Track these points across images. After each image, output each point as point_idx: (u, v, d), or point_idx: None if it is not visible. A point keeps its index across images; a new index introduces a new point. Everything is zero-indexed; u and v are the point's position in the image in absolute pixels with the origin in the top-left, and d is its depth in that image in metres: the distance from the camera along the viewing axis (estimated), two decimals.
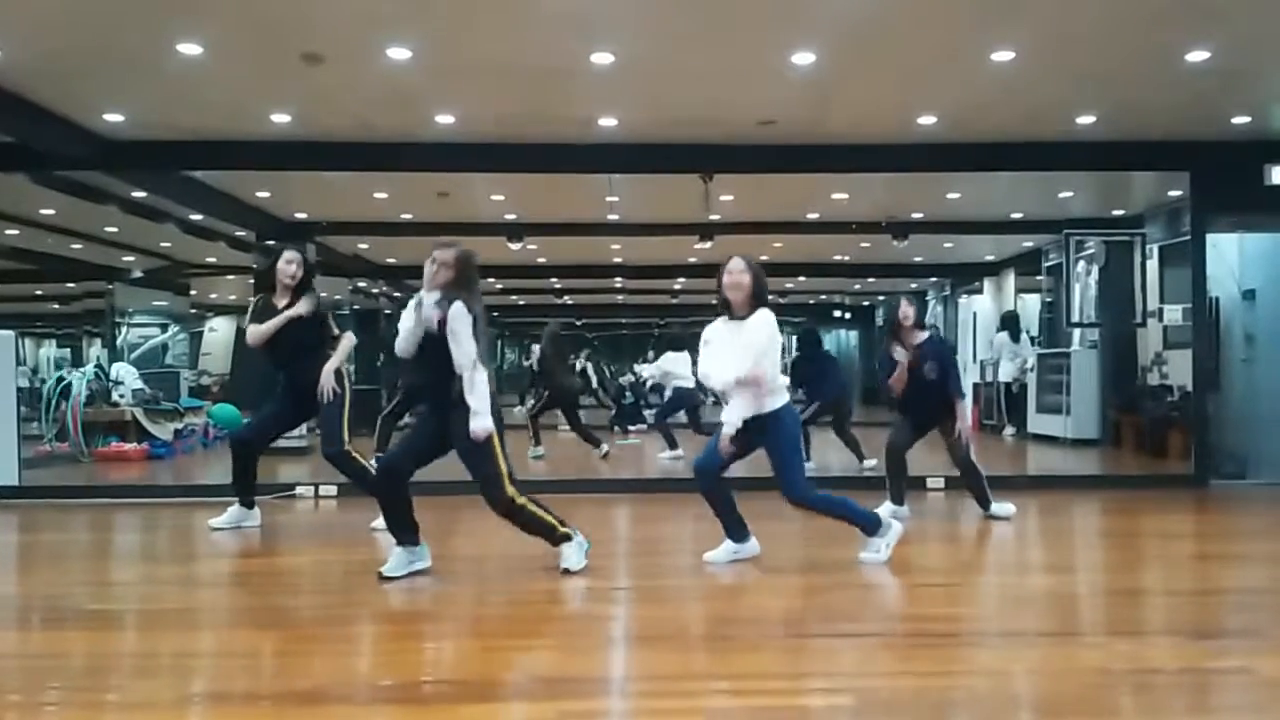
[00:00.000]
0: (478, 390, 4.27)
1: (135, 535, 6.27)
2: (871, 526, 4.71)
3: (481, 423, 4.25)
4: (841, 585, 4.39)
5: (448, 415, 4.34)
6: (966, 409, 6.17)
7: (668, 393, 10.32)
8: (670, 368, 10.10)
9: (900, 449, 6.09)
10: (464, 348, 4.26)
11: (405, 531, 4.44)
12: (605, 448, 9.65)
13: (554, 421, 10.55)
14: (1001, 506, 6.07)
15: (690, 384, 9.87)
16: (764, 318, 4.51)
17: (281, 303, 5.62)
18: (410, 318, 4.35)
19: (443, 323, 4.26)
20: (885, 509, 5.86)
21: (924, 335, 6.04)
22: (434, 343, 4.31)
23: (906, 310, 6.00)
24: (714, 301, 4.71)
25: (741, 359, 4.45)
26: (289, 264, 5.63)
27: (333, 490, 7.09)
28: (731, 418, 4.50)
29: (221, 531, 5.67)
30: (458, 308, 4.26)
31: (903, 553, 4.81)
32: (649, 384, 13.53)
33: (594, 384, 16.46)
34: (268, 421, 5.80)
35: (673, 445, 9.68)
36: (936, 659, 3.31)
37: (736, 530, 4.75)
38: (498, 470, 4.32)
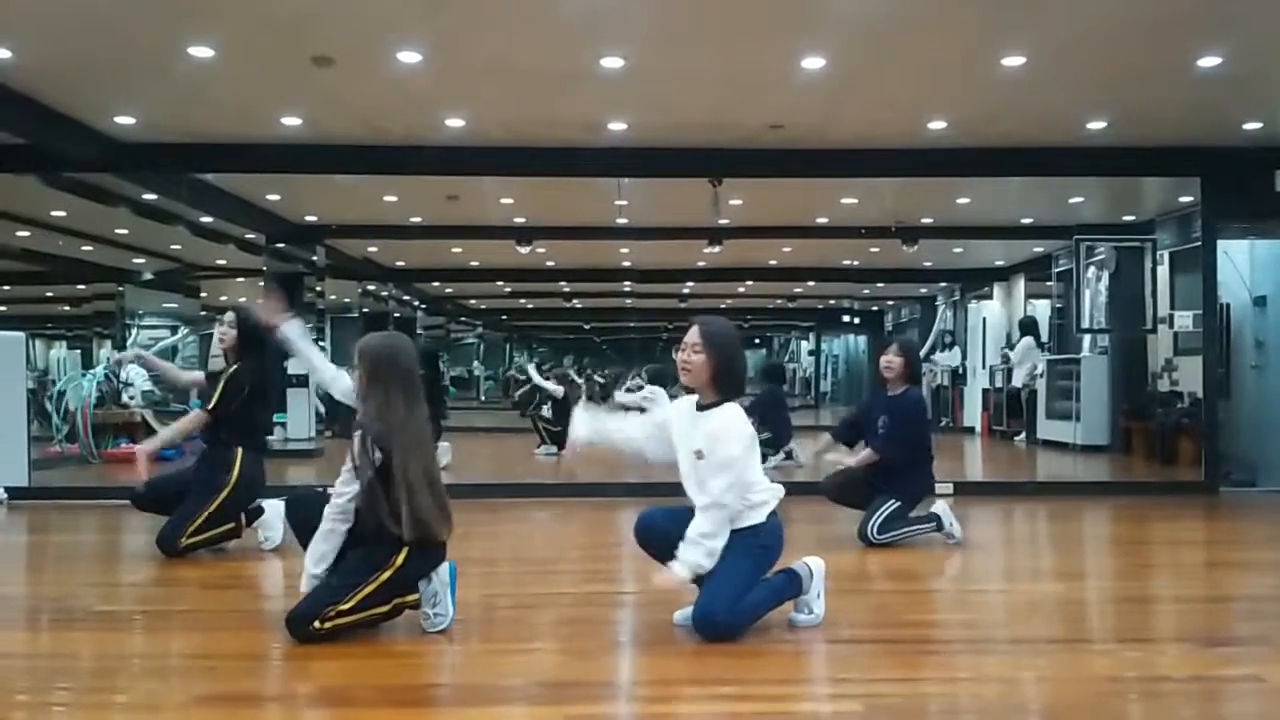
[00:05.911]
0: None
1: (144, 536, 6.25)
2: (794, 591, 3.71)
3: None
4: (848, 591, 4.37)
5: None
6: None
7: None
8: None
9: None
10: None
11: None
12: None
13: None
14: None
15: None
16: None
17: None
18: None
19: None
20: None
21: (902, 389, 5.35)
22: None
23: (892, 359, 5.33)
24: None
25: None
26: None
27: None
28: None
29: None
30: None
31: (911, 559, 4.79)
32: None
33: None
34: None
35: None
36: (945, 665, 3.31)
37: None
38: None
